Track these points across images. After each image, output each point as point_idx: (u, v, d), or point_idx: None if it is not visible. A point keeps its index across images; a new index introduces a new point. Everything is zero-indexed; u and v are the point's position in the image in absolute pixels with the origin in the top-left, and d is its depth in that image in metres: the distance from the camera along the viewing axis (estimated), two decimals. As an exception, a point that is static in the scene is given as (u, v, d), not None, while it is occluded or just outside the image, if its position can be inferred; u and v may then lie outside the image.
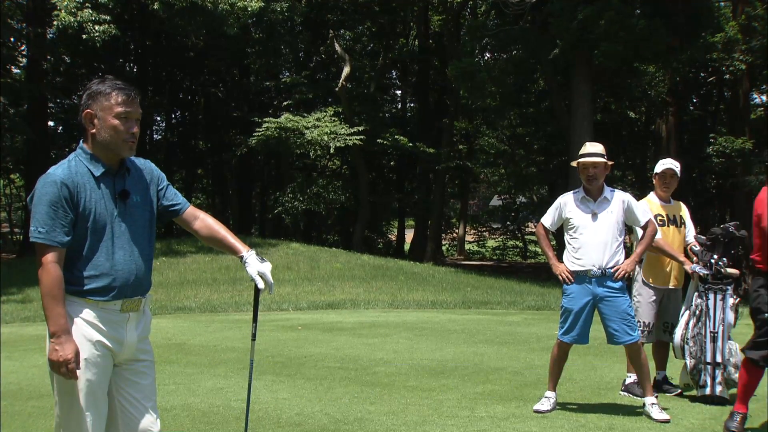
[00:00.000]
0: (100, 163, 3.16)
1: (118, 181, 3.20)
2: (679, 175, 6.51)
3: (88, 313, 3.10)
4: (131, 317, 3.21)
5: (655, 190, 6.56)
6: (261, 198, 36.96)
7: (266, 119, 24.90)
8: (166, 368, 7.22)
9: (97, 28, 19.26)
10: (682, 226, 6.48)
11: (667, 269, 6.35)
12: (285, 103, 27.95)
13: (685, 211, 6.60)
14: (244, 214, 35.24)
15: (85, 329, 3.10)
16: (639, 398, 5.97)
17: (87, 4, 19.39)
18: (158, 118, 36.82)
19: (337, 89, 26.91)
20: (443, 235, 40.69)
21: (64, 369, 2.99)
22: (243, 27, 23.48)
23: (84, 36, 19.42)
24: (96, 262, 3.11)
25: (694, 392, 6.17)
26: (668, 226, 6.40)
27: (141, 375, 3.28)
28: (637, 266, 6.34)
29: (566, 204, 5.89)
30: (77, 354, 3.02)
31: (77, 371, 3.03)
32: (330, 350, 8.42)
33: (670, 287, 6.40)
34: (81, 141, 3.23)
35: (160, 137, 37.72)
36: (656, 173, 6.58)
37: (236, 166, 33.83)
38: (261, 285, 3.35)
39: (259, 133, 24.55)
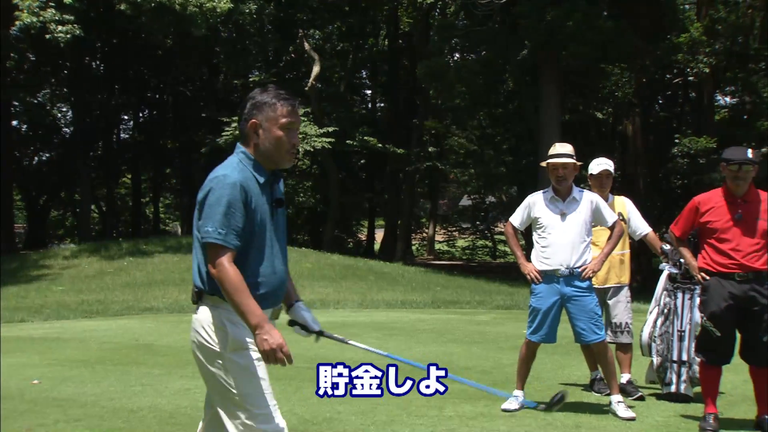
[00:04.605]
0: (263, 171, 3.13)
1: (273, 190, 3.18)
2: (613, 173, 6.51)
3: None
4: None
5: (591, 190, 6.33)
6: (230, 198, 36.63)
7: (235, 118, 24.68)
8: (132, 369, 7.15)
9: (60, 28, 18.98)
10: (623, 222, 6.42)
11: (606, 268, 6.26)
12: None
13: (627, 206, 6.54)
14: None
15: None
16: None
17: (50, 4, 19.11)
18: (126, 117, 36.45)
19: (306, 89, 26.83)
20: (413, 234, 40.79)
21: (279, 354, 2.95)
22: (211, 27, 23.32)
23: (47, 36, 19.13)
24: (259, 270, 3.08)
25: (659, 390, 6.24)
26: None
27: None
28: None
29: (535, 204, 5.91)
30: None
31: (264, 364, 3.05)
32: (299, 350, 8.31)
33: (609, 286, 6.37)
34: (239, 145, 3.17)
35: (127, 136, 37.35)
36: (592, 174, 6.47)
37: (205, 165, 33.56)
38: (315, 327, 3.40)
39: (228, 133, 24.38)
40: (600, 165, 6.48)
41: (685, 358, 6.07)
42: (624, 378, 6.29)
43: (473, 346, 8.71)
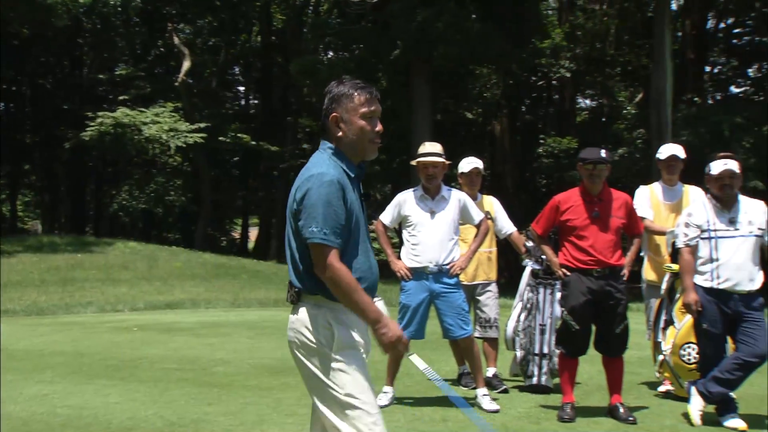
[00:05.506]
0: (352, 165, 3.07)
1: (360, 183, 3.13)
2: (483, 172, 6.73)
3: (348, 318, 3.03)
4: None
5: (462, 188, 6.52)
6: (96, 195, 35.31)
7: (100, 113, 23.82)
8: (-16, 377, 6.74)
9: None
10: (490, 220, 6.60)
11: (474, 265, 6.44)
12: (121, 96, 26.84)
13: (494, 206, 6.75)
14: (77, 212, 33.53)
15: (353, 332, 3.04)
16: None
17: None
18: (-21, 110, 34.32)
19: (176, 84, 26.18)
20: (287, 232, 40.52)
21: (400, 345, 2.99)
22: (74, 17, 22.33)
23: None
24: (358, 266, 3.02)
25: (522, 382, 6.48)
26: None
27: None
28: None
29: (405, 202, 6.00)
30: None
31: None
32: (167, 351, 8.17)
33: (477, 282, 6.52)
34: (324, 141, 3.09)
35: (-20, 130, 35.17)
36: (462, 172, 6.63)
37: (68, 161, 32.14)
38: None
39: (93, 128, 23.46)
40: (470, 163, 6.64)
41: (546, 351, 6.33)
42: (490, 372, 6.48)
43: (345, 344, 8.73)
